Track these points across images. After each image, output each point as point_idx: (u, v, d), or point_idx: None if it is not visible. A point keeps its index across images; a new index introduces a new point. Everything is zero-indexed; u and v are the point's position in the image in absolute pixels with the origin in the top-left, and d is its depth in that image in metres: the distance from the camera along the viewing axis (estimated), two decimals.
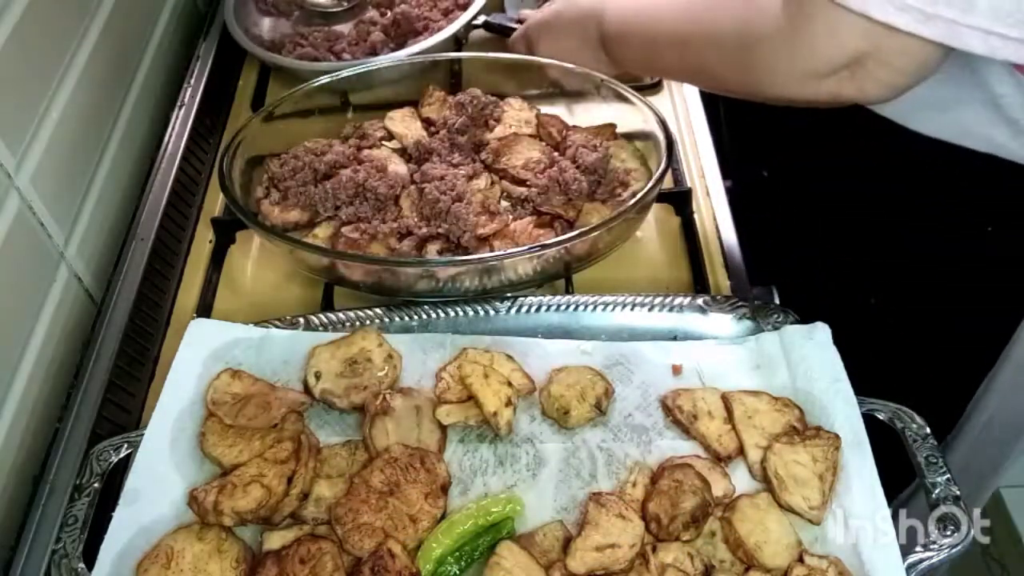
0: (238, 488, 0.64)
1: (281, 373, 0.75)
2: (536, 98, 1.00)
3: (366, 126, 0.97)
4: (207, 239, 0.95)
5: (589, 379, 0.72)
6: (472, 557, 0.63)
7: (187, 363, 0.74)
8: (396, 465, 0.66)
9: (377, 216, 0.85)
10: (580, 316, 0.78)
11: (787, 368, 0.73)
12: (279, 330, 0.78)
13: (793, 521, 0.63)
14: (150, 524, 0.64)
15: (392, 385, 0.73)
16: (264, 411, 0.70)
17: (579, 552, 0.61)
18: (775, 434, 0.68)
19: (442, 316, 0.79)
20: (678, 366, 0.74)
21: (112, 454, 0.70)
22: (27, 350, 0.75)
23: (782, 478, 0.65)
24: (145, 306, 0.86)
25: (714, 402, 0.71)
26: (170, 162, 1.00)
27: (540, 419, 0.71)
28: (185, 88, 1.09)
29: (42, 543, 0.68)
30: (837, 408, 0.69)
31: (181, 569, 0.61)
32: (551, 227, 0.84)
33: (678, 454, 0.68)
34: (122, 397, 0.79)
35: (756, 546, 0.61)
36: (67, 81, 0.84)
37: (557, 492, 0.67)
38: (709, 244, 0.90)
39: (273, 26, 1.20)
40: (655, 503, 0.64)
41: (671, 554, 0.61)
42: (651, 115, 0.88)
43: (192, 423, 0.71)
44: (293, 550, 0.62)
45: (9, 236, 0.72)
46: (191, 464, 0.68)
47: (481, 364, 0.72)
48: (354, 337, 0.75)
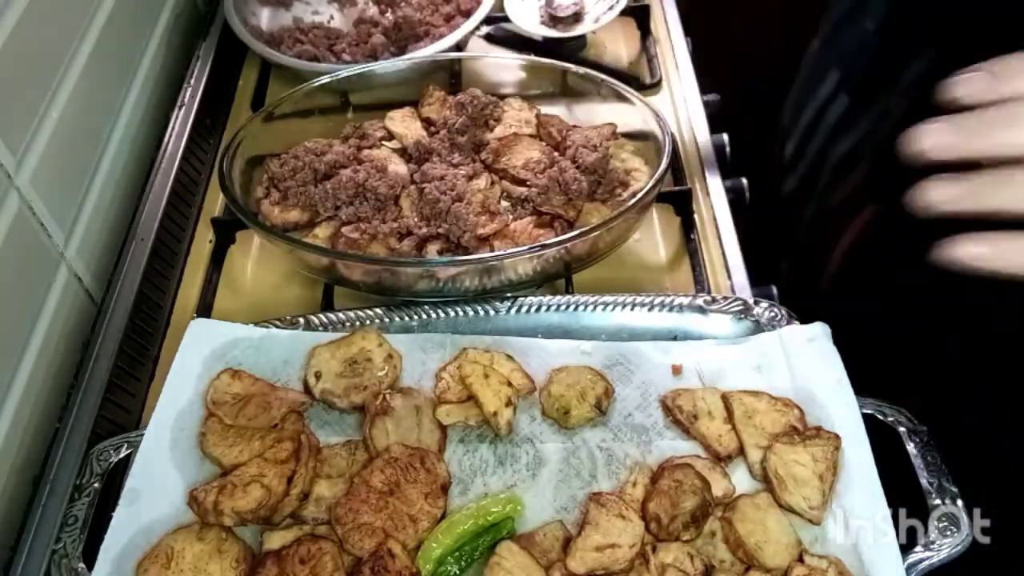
0: (238, 488, 0.64)
1: (281, 373, 0.75)
2: (536, 98, 1.00)
3: (366, 126, 0.97)
4: (207, 239, 0.95)
5: (589, 379, 0.72)
6: (472, 557, 0.63)
7: (187, 363, 0.74)
8: (396, 465, 0.66)
9: (377, 216, 0.85)
10: (580, 316, 0.78)
11: (787, 368, 0.73)
12: (279, 330, 0.78)
13: (793, 521, 0.63)
14: (150, 524, 0.64)
15: (392, 385, 0.73)
16: (264, 411, 0.70)
17: (579, 552, 0.61)
18: (775, 434, 0.68)
19: (442, 316, 0.79)
20: (678, 366, 0.74)
21: (112, 454, 0.70)
22: (27, 350, 0.75)
23: (782, 478, 0.65)
24: (145, 306, 0.86)
25: (714, 402, 0.71)
26: (170, 162, 1.00)
27: (540, 419, 0.71)
28: (185, 88, 1.09)
29: (42, 543, 0.68)
30: (837, 408, 0.69)
31: (181, 569, 0.61)
32: (551, 227, 0.84)
33: (678, 454, 0.68)
34: (122, 397, 0.79)
35: (756, 546, 0.61)
36: (67, 81, 0.84)
37: (557, 492, 0.67)
38: (709, 244, 0.90)
39: (273, 16, 1.20)
40: (655, 503, 0.64)
41: (671, 554, 0.61)
42: (651, 115, 0.88)
43: (192, 423, 0.71)
44: (293, 550, 0.62)
45: (9, 236, 0.72)
46: (191, 464, 0.68)
47: (481, 364, 0.72)
48: (354, 337, 0.75)
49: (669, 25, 1.19)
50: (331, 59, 1.09)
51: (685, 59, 1.13)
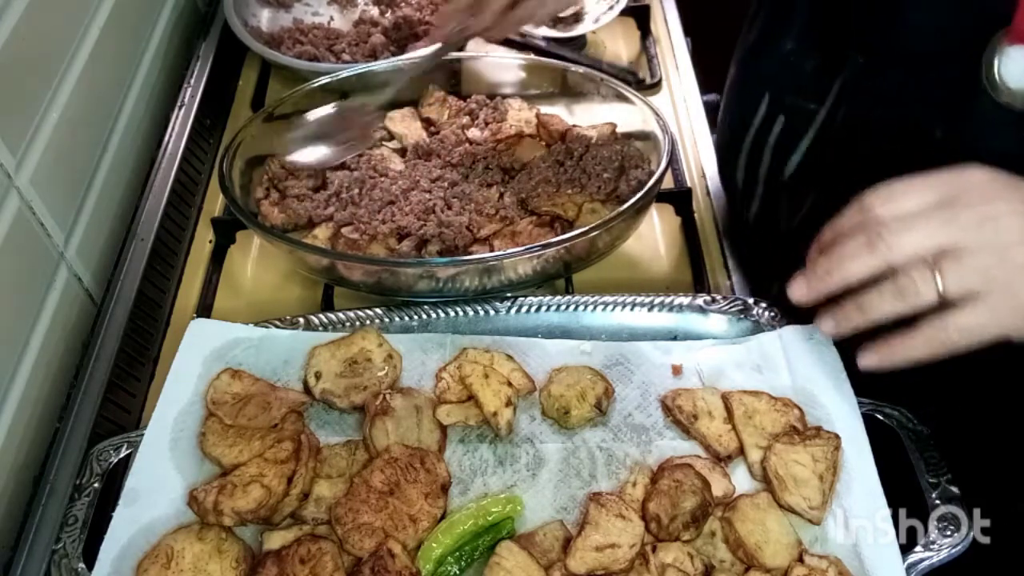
0: (238, 488, 0.64)
1: (281, 373, 0.75)
2: (536, 98, 1.00)
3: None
4: (207, 239, 0.95)
5: (589, 379, 0.72)
6: (472, 557, 0.63)
7: (187, 363, 0.74)
8: (396, 465, 0.66)
9: (377, 216, 0.85)
10: (580, 316, 0.78)
11: (787, 368, 0.73)
12: (279, 330, 0.78)
13: (793, 521, 0.63)
14: (150, 524, 0.64)
15: (392, 385, 0.73)
16: (264, 411, 0.70)
17: (579, 552, 0.61)
18: (775, 434, 0.68)
19: (442, 316, 0.79)
20: (678, 366, 0.74)
21: (112, 454, 0.70)
22: (27, 350, 0.75)
23: (782, 478, 0.65)
24: (145, 306, 0.86)
25: (714, 402, 0.71)
26: (170, 162, 1.00)
27: (540, 419, 0.71)
28: (185, 88, 1.09)
29: (42, 543, 0.68)
30: (837, 408, 0.69)
31: (181, 569, 0.61)
32: (551, 227, 0.84)
33: (678, 454, 0.68)
34: (122, 397, 0.79)
35: (756, 546, 0.61)
36: (67, 81, 0.84)
37: (557, 492, 0.67)
38: (709, 244, 0.90)
39: (272, 18, 1.20)
40: (655, 503, 0.64)
41: (671, 554, 0.61)
42: (651, 115, 0.88)
43: (192, 423, 0.70)
44: (293, 550, 0.62)
45: (9, 236, 0.72)
46: (191, 464, 0.68)
47: (481, 364, 0.72)
48: (354, 337, 0.75)
49: (669, 25, 1.19)
50: (331, 59, 1.09)
51: (685, 59, 1.13)
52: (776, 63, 0.80)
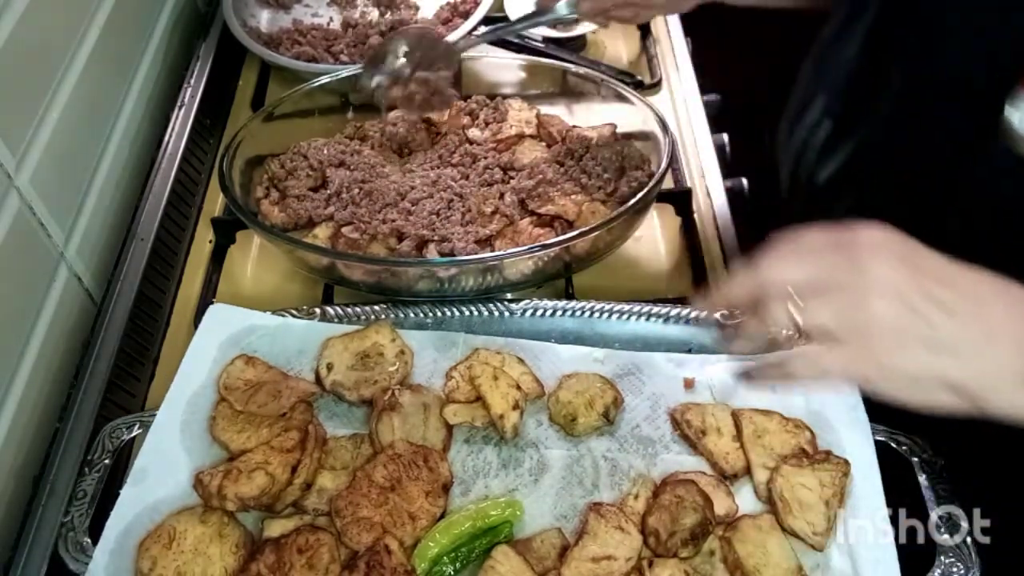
0: (243, 474, 0.65)
1: (295, 362, 0.75)
2: (536, 98, 1.00)
3: (366, 126, 0.97)
4: (207, 239, 0.95)
5: (599, 387, 0.71)
6: (468, 559, 0.63)
7: (203, 347, 0.75)
8: (399, 461, 0.66)
9: (377, 216, 0.85)
10: (594, 323, 0.78)
11: (802, 389, 0.71)
12: (296, 319, 0.78)
13: (795, 546, 0.62)
14: (155, 504, 0.65)
15: (402, 381, 0.73)
16: (274, 399, 0.71)
17: (574, 562, 0.61)
18: (784, 455, 0.67)
19: (456, 314, 0.79)
20: (690, 379, 0.73)
21: (124, 432, 0.71)
22: (27, 350, 0.75)
23: (787, 501, 0.64)
24: (145, 306, 0.86)
25: (724, 419, 0.70)
26: (170, 162, 0.99)
27: (547, 424, 0.71)
28: (185, 88, 1.09)
29: (42, 543, 0.68)
30: (850, 434, 0.68)
31: (182, 550, 0.62)
32: (551, 227, 0.84)
33: (683, 469, 0.67)
34: (122, 397, 0.80)
35: (754, 568, 0.60)
36: (67, 81, 0.84)
37: (558, 499, 0.66)
38: (709, 244, 0.89)
39: (272, 19, 1.20)
40: (655, 517, 0.63)
41: (667, 570, 0.61)
42: (651, 115, 0.87)
43: (204, 406, 0.71)
44: (292, 539, 0.62)
45: (9, 236, 0.72)
46: (200, 447, 0.69)
47: (491, 366, 0.72)
48: (368, 331, 0.76)
49: (669, 25, 1.18)
50: (329, 60, 1.09)
51: (685, 59, 1.12)
52: (838, 67, 0.79)
